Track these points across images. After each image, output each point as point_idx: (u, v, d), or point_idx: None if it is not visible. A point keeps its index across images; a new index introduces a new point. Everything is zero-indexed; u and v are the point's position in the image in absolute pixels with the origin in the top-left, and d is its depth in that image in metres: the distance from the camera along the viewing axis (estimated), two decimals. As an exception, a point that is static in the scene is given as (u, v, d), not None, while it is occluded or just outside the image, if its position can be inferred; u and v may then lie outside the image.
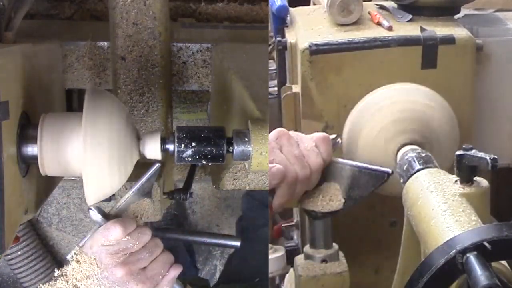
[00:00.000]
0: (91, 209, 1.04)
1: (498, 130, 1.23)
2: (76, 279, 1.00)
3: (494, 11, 1.35)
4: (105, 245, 1.01)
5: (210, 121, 1.83)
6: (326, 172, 1.06)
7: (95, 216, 1.04)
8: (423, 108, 1.13)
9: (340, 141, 1.12)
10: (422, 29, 1.18)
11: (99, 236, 1.02)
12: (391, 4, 1.30)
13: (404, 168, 0.99)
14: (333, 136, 1.09)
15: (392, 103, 1.14)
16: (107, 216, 1.05)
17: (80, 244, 1.04)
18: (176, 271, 1.08)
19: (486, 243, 0.70)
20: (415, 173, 0.96)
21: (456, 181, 0.89)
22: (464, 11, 1.31)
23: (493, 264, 0.72)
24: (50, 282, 1.00)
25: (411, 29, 1.19)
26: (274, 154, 1.02)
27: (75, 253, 1.03)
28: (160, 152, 1.08)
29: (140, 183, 1.09)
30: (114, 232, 1.01)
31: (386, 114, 1.13)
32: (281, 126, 1.25)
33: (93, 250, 1.01)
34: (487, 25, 1.24)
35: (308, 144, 1.04)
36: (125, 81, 1.42)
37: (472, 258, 0.69)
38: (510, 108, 1.22)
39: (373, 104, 1.15)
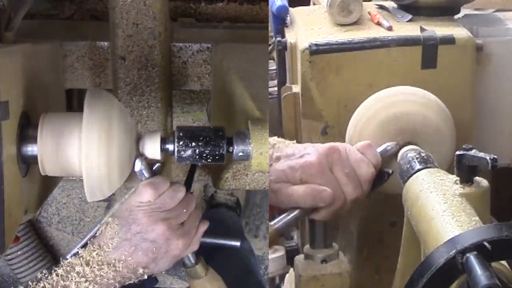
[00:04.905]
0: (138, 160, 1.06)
1: (498, 130, 1.23)
2: (103, 242, 1.02)
3: (494, 11, 1.34)
4: (140, 206, 1.03)
5: (210, 121, 1.84)
6: None
7: (139, 167, 1.06)
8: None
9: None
10: (422, 29, 1.18)
11: (132, 199, 1.04)
12: (391, 4, 1.30)
13: (404, 168, 0.99)
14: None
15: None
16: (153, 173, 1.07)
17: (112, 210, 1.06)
18: (204, 226, 1.10)
19: (486, 243, 0.70)
20: (415, 173, 0.96)
21: (456, 181, 0.89)
22: (464, 11, 1.31)
23: (493, 264, 0.72)
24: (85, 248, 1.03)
25: (411, 29, 1.19)
26: (324, 175, 1.01)
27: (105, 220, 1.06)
28: (160, 152, 1.08)
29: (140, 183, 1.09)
30: (146, 194, 1.03)
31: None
32: (281, 126, 1.26)
33: (129, 212, 1.03)
34: (487, 25, 1.24)
35: (357, 155, 1.02)
36: (125, 81, 1.42)
37: (472, 258, 0.69)
38: (510, 108, 1.22)
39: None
